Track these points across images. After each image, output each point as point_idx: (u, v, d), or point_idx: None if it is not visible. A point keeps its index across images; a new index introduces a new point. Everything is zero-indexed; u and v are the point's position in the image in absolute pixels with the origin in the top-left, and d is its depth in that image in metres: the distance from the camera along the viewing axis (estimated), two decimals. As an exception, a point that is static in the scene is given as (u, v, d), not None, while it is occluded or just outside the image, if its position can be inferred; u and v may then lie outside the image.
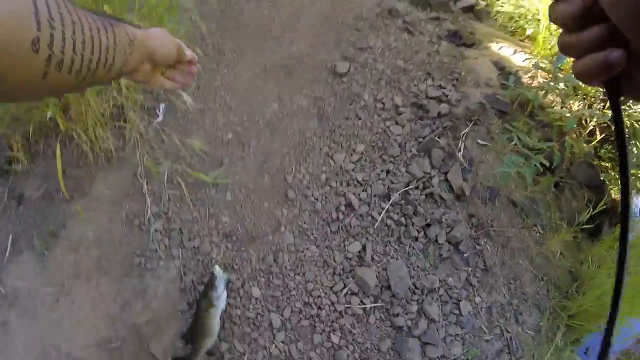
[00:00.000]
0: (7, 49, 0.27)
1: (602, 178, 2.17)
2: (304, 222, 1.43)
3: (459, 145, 1.71)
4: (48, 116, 1.33)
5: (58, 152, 1.26)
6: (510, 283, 1.70)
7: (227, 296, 1.28)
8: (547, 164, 1.75)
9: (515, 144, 1.81)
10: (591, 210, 1.86)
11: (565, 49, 0.30)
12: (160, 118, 1.65)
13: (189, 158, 1.54)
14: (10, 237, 1.45)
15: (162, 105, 1.71)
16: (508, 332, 1.62)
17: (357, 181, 1.48)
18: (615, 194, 2.22)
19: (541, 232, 1.89)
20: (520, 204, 1.83)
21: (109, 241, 1.46)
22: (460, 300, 1.45)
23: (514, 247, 1.74)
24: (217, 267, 1.25)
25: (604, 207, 1.87)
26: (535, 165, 1.67)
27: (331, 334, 1.30)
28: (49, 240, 1.45)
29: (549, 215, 1.93)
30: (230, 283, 1.36)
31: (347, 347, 1.30)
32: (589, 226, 1.94)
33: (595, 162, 2.12)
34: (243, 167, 1.54)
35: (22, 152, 1.48)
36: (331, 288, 1.34)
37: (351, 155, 1.53)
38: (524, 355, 1.67)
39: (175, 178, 1.53)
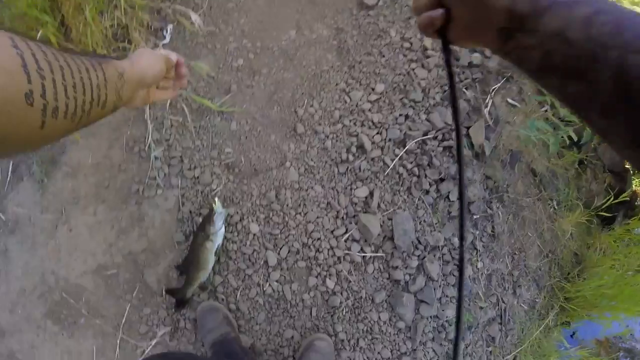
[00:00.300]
0: (2, 110, 0.26)
1: (626, 166, 2.05)
2: (311, 160, 1.32)
3: (487, 100, 1.57)
4: (46, 36, 1.21)
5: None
6: (515, 254, 1.63)
7: (225, 231, 1.21)
8: (575, 139, 1.63)
9: (546, 111, 1.67)
10: (611, 198, 1.76)
11: (414, 10, 0.44)
12: (167, 40, 1.50)
13: (194, 83, 1.41)
14: (11, 164, 1.43)
15: (169, 26, 1.55)
16: (504, 302, 1.57)
17: (373, 122, 1.35)
18: (637, 185, 2.11)
19: (555, 207, 1.80)
20: (540, 174, 1.71)
21: (108, 168, 1.38)
22: (463, 262, 1.38)
23: (526, 217, 1.65)
24: (216, 201, 1.17)
25: (625, 198, 1.78)
26: (562, 136, 1.54)
27: (327, 279, 1.23)
28: (48, 167, 1.42)
29: (567, 192, 1.83)
30: (229, 216, 1.28)
31: (341, 294, 1.24)
32: (604, 213, 1.85)
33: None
34: (252, 96, 1.41)
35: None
36: (332, 232, 1.26)
37: (369, 94, 1.39)
38: (514, 328, 1.63)
39: (179, 103, 1.41)
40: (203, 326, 1.18)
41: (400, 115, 1.40)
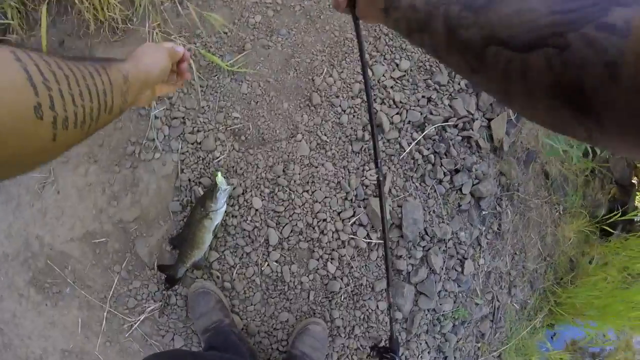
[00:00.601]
0: (13, 128, 0.25)
1: (633, 181, 2.04)
2: (325, 135, 1.22)
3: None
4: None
5: (44, 18, 1.00)
6: (516, 254, 1.60)
7: (226, 209, 1.12)
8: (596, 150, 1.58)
9: None
10: (619, 213, 1.75)
11: None
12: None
13: (205, 37, 1.27)
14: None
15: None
16: (498, 301, 1.55)
17: (393, 101, 1.26)
18: (638, 201, 2.10)
19: (561, 212, 1.77)
20: (552, 177, 1.67)
21: (103, 126, 1.24)
22: (465, 259, 1.34)
23: (531, 219, 1.62)
24: (220, 175, 1.06)
25: (624, 212, 1.76)
26: (585, 147, 1.48)
27: (329, 263, 1.17)
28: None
29: (574, 198, 1.79)
30: (233, 187, 1.18)
31: (341, 279, 1.18)
32: (606, 227, 1.84)
33: (638, 165, 1.97)
34: (267, 58, 1.28)
35: (18, 20, 1.20)
36: (339, 214, 1.19)
37: (393, 70, 1.29)
38: (504, 326, 1.63)
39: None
40: (194, 309, 1.11)
41: (423, 97, 1.30)
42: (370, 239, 1.19)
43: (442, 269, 1.28)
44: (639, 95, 0.19)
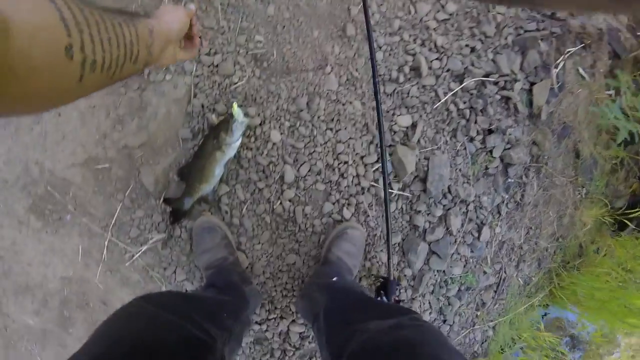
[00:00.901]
0: (46, 63, 0.26)
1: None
2: (356, 70, 1.12)
3: (559, 61, 1.37)
4: None
5: None
6: (531, 228, 1.54)
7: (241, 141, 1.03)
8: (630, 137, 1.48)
9: (611, 96, 1.50)
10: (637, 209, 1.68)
11: None
12: None
13: None
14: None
15: None
16: (505, 272, 1.52)
17: (435, 45, 1.15)
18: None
19: (583, 196, 1.70)
20: (582, 157, 1.58)
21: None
22: (484, 225, 1.28)
23: (554, 196, 1.55)
24: (236, 106, 0.96)
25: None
26: (629, 130, 1.39)
27: (344, 208, 1.11)
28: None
29: (599, 184, 1.72)
30: (249, 118, 1.09)
31: (355, 226, 1.12)
32: (625, 219, 1.78)
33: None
34: (297, -22, 1.15)
35: None
36: (362, 158, 1.11)
37: (438, 11, 1.17)
38: (505, 299, 1.61)
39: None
40: (198, 244, 1.06)
41: (467, 46, 1.19)
42: (392, 189, 1.12)
43: (460, 231, 1.22)
44: None
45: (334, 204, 1.11)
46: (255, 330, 1.17)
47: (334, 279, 0.91)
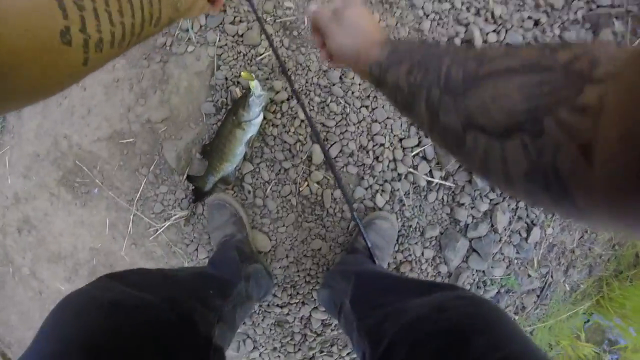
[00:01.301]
0: (34, 58, 0.23)
1: None
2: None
3: (636, 43, 1.18)
4: None
5: None
6: (586, 232, 1.38)
7: (263, 118, 0.96)
8: None
9: None
10: None
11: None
12: None
13: None
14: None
15: None
16: (552, 277, 1.37)
17: (492, 15, 1.00)
18: None
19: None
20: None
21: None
22: (534, 225, 1.14)
23: (616, 195, 1.37)
24: (255, 81, 0.87)
25: None
26: None
27: (378, 195, 1.01)
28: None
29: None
30: (274, 92, 1.01)
31: (389, 216, 1.03)
32: None
33: None
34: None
35: None
36: (401, 140, 1.00)
37: (500, -24, 1.02)
38: (547, 305, 1.47)
39: None
40: (210, 222, 1.05)
41: (530, 18, 1.03)
42: (432, 178, 1.01)
43: (506, 229, 1.10)
44: (613, 179, 0.18)
45: (366, 189, 1.01)
46: (277, 313, 1.13)
47: (361, 266, 0.83)
